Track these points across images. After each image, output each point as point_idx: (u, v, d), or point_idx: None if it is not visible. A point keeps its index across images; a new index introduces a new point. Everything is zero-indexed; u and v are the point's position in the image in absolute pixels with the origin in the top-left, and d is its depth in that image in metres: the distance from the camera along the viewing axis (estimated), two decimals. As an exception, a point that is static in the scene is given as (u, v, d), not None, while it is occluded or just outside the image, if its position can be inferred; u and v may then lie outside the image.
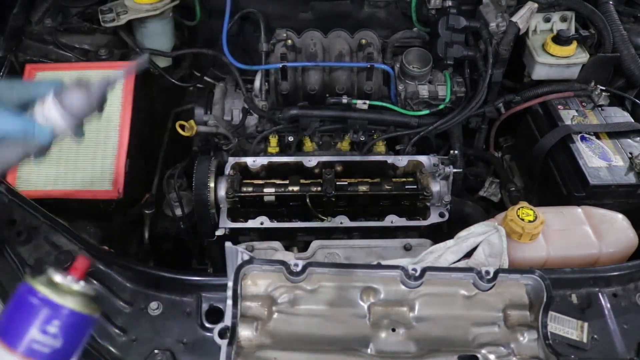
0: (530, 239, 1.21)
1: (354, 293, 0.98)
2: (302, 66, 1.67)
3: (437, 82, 1.72)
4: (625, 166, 1.44)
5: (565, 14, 1.69)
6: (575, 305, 1.09)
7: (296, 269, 0.93)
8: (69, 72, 1.53)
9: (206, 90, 1.84)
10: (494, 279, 0.94)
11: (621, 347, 1.04)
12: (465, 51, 1.68)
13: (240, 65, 1.71)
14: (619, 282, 1.12)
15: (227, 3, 1.73)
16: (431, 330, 0.96)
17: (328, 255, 1.32)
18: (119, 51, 1.66)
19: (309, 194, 1.44)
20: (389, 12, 1.91)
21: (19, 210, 1.26)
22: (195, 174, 1.42)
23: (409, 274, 0.94)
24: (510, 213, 1.21)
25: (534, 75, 1.70)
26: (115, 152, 1.44)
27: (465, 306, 0.98)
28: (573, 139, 1.51)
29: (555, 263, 1.22)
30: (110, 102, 1.46)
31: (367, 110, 1.66)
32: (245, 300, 0.95)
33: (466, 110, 1.68)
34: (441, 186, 1.44)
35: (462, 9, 1.73)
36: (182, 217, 1.58)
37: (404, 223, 1.41)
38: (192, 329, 1.05)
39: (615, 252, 1.24)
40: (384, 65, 1.69)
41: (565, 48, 1.63)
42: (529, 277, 0.96)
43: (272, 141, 1.70)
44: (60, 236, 1.24)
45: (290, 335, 0.95)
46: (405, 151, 1.68)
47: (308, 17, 1.89)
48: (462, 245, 1.15)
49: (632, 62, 1.64)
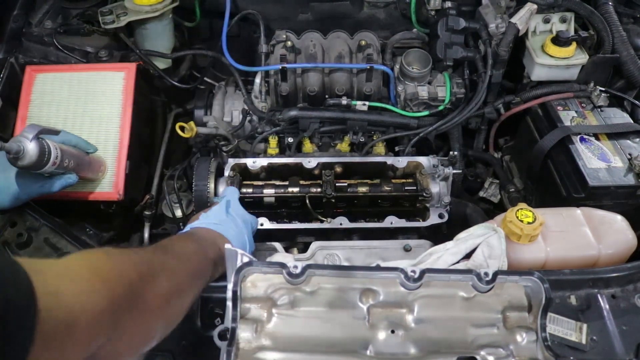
0: (529, 240, 1.21)
1: (354, 295, 0.98)
2: (302, 67, 1.68)
3: (437, 83, 1.72)
4: (625, 167, 1.44)
5: (565, 15, 1.69)
6: (574, 306, 1.09)
7: (296, 271, 0.94)
8: (69, 73, 1.53)
9: (206, 91, 1.84)
10: (492, 280, 0.94)
11: (620, 349, 1.04)
12: (465, 52, 1.69)
13: (240, 67, 1.71)
14: (618, 284, 1.13)
15: (227, 4, 1.74)
16: (430, 331, 0.96)
17: (328, 256, 1.33)
18: (119, 53, 1.66)
19: (309, 195, 1.44)
20: (389, 13, 1.91)
21: (19, 212, 1.26)
22: (195, 175, 1.43)
23: (408, 276, 0.94)
24: (509, 215, 1.22)
25: (533, 76, 1.70)
26: (115, 153, 1.45)
27: (464, 308, 0.98)
28: (572, 140, 1.51)
29: (554, 264, 1.22)
30: (110, 104, 1.49)
31: (366, 112, 1.66)
32: (245, 302, 0.96)
33: (466, 111, 1.68)
34: (441, 187, 1.44)
35: (462, 10, 1.73)
36: (182, 218, 1.59)
37: (404, 224, 1.42)
38: (192, 330, 1.05)
39: (614, 254, 1.24)
40: (384, 67, 1.69)
41: (565, 49, 1.63)
42: (528, 279, 0.96)
43: (272, 142, 1.70)
44: (61, 238, 1.25)
45: (290, 336, 0.95)
46: (405, 152, 1.68)
47: (308, 18, 1.89)
48: (461, 247, 1.15)
49: (631, 63, 1.64)
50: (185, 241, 1.00)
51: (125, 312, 0.65)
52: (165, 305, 0.78)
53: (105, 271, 0.67)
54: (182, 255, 0.92)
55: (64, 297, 0.56)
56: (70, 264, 0.65)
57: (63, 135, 1.19)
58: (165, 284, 0.78)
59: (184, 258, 0.92)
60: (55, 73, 1.54)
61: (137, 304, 0.68)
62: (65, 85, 1.51)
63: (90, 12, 1.74)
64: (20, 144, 1.05)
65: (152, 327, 0.75)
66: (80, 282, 0.61)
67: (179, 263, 0.88)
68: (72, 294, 0.58)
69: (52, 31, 1.68)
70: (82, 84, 1.51)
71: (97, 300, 0.61)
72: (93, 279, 0.63)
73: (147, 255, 0.82)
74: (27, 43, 1.64)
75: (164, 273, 0.79)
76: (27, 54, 1.62)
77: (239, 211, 1.22)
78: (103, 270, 0.67)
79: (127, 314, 0.66)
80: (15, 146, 1.05)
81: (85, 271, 0.64)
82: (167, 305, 0.79)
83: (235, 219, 1.18)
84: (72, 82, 1.52)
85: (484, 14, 1.70)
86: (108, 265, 0.69)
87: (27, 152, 1.06)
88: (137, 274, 0.70)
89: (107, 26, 1.64)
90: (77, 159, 1.24)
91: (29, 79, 1.52)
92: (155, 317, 0.75)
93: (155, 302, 0.74)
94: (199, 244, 1.01)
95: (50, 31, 1.68)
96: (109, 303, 0.62)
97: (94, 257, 0.69)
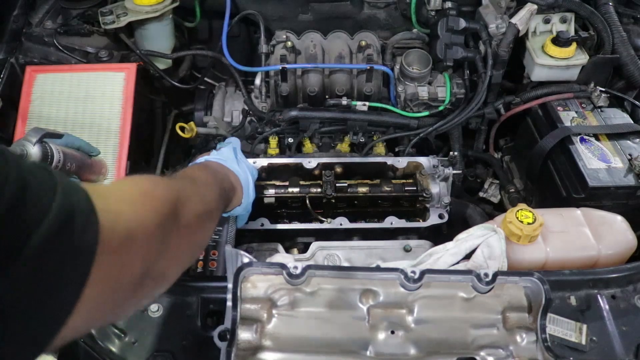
0: (529, 241, 1.21)
1: (354, 295, 0.98)
2: (302, 68, 1.68)
3: (437, 84, 1.72)
4: (625, 168, 1.44)
5: (565, 16, 1.69)
6: (574, 307, 1.09)
7: (296, 272, 0.94)
8: (69, 73, 1.53)
9: (206, 91, 1.84)
10: (492, 281, 0.94)
11: (620, 349, 1.04)
12: (465, 52, 1.69)
13: (240, 67, 1.71)
14: (618, 284, 1.13)
15: (227, 4, 1.73)
16: (430, 332, 0.97)
17: (328, 257, 1.33)
18: (119, 53, 1.66)
19: (309, 195, 1.44)
20: (389, 13, 1.91)
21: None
22: (195, 175, 1.43)
23: (408, 277, 0.95)
24: (509, 215, 1.22)
25: (533, 77, 1.70)
26: (116, 154, 1.45)
27: (464, 308, 0.98)
28: (572, 141, 1.51)
29: (554, 265, 1.22)
30: (110, 104, 1.49)
31: (366, 112, 1.66)
32: (245, 303, 0.96)
33: (466, 111, 1.68)
34: (441, 187, 1.44)
35: (462, 10, 1.73)
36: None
37: (404, 224, 1.42)
38: (192, 330, 1.06)
39: (614, 254, 1.24)
40: (384, 67, 1.69)
41: (565, 49, 1.63)
42: (528, 280, 0.96)
43: (272, 142, 1.70)
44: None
45: (290, 337, 0.95)
46: (405, 152, 1.69)
47: (308, 18, 1.89)
48: (461, 248, 1.15)
49: (631, 63, 1.64)
50: (204, 171, 1.11)
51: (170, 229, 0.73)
52: (199, 225, 0.87)
53: (153, 193, 0.75)
54: (206, 184, 1.03)
55: (122, 215, 0.62)
56: (123, 188, 0.73)
57: (66, 138, 1.20)
58: (199, 206, 0.87)
59: (209, 186, 1.03)
60: (56, 73, 1.54)
61: (178, 222, 0.76)
62: (65, 85, 1.51)
63: (90, 12, 1.74)
64: (23, 148, 1.06)
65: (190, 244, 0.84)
66: (134, 203, 0.68)
67: (205, 190, 0.99)
68: (129, 212, 0.64)
69: (52, 31, 1.67)
70: (83, 84, 1.51)
71: (150, 217, 0.68)
72: (145, 200, 0.71)
73: (179, 182, 0.91)
74: (27, 43, 1.64)
75: (196, 197, 0.89)
76: (27, 54, 1.62)
77: (243, 158, 1.31)
78: (151, 193, 0.75)
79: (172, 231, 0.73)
80: (19, 149, 1.06)
81: (137, 194, 0.72)
82: (201, 225, 0.88)
83: (242, 163, 1.27)
84: (72, 83, 1.52)
85: (484, 14, 1.70)
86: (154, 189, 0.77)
87: (30, 156, 1.07)
88: (176, 197, 0.79)
89: (107, 26, 1.64)
90: (79, 161, 1.24)
91: (29, 79, 1.52)
92: (193, 234, 0.84)
93: (192, 221, 0.82)
94: (215, 176, 1.11)
95: (50, 31, 1.68)
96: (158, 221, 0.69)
97: (142, 182, 0.78)
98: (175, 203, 0.77)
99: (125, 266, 0.61)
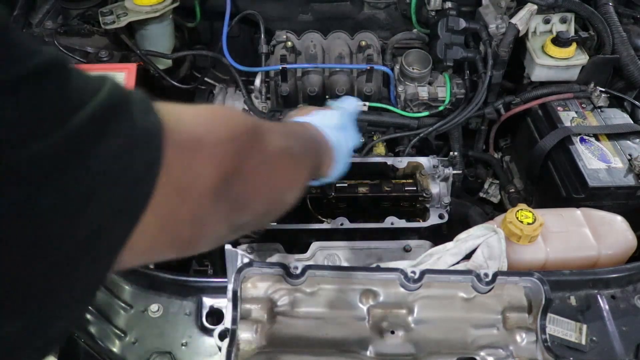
0: (529, 241, 1.21)
1: (354, 295, 0.99)
2: (302, 68, 1.68)
3: (437, 84, 1.72)
4: (625, 168, 1.44)
5: (565, 16, 1.69)
6: (574, 307, 1.09)
7: (296, 272, 0.94)
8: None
9: (206, 92, 1.84)
10: (492, 281, 0.94)
11: (620, 349, 1.04)
12: (465, 53, 1.69)
13: (240, 67, 1.71)
14: (618, 284, 1.13)
15: (227, 4, 1.73)
16: (430, 332, 0.97)
17: (328, 257, 1.33)
18: (119, 53, 1.66)
19: (309, 195, 1.44)
20: (389, 13, 1.91)
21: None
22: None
23: (408, 277, 0.95)
24: (509, 215, 1.22)
25: (533, 77, 1.70)
26: (115, 154, 1.45)
27: (464, 308, 0.98)
28: (572, 141, 1.51)
29: (554, 265, 1.22)
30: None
31: (366, 112, 1.66)
32: (245, 303, 0.96)
33: (466, 111, 1.68)
34: (441, 188, 1.44)
35: (462, 10, 1.73)
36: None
37: (404, 224, 1.41)
38: (192, 331, 1.06)
39: (614, 254, 1.24)
40: (384, 67, 1.69)
41: (565, 49, 1.63)
42: (528, 280, 0.96)
43: (272, 143, 1.70)
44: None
45: (290, 337, 0.95)
46: (405, 153, 1.68)
47: (308, 18, 1.89)
48: (461, 248, 1.15)
49: (631, 63, 1.64)
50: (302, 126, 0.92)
51: (247, 147, 0.63)
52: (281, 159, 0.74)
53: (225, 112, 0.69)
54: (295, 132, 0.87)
55: (186, 120, 0.55)
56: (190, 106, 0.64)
57: None
58: (282, 141, 0.74)
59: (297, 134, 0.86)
60: (56, 73, 1.54)
61: (256, 144, 0.66)
62: (65, 85, 1.51)
63: (90, 12, 1.73)
64: None
65: (270, 178, 0.71)
66: (200, 115, 0.61)
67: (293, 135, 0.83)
68: (194, 120, 0.57)
69: (52, 32, 1.67)
70: (83, 84, 1.51)
71: (219, 129, 0.60)
72: (213, 116, 0.63)
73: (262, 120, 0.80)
74: (27, 43, 1.64)
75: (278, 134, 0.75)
76: (27, 54, 1.62)
77: (352, 133, 1.02)
78: (223, 113, 0.68)
79: (248, 151, 0.64)
80: None
81: (203, 110, 0.65)
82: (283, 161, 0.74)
83: (347, 139, 0.98)
84: (72, 83, 1.52)
85: (484, 14, 1.70)
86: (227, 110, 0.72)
87: None
88: (254, 123, 0.69)
89: (108, 27, 1.64)
90: None
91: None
92: (273, 168, 0.71)
93: (273, 152, 0.70)
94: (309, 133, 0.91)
95: (50, 32, 1.68)
96: (231, 134, 0.61)
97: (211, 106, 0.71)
98: (253, 128, 0.67)
99: (195, 170, 0.53)
